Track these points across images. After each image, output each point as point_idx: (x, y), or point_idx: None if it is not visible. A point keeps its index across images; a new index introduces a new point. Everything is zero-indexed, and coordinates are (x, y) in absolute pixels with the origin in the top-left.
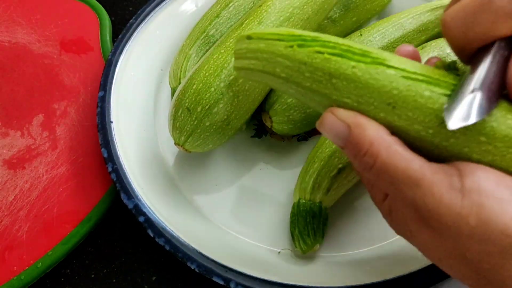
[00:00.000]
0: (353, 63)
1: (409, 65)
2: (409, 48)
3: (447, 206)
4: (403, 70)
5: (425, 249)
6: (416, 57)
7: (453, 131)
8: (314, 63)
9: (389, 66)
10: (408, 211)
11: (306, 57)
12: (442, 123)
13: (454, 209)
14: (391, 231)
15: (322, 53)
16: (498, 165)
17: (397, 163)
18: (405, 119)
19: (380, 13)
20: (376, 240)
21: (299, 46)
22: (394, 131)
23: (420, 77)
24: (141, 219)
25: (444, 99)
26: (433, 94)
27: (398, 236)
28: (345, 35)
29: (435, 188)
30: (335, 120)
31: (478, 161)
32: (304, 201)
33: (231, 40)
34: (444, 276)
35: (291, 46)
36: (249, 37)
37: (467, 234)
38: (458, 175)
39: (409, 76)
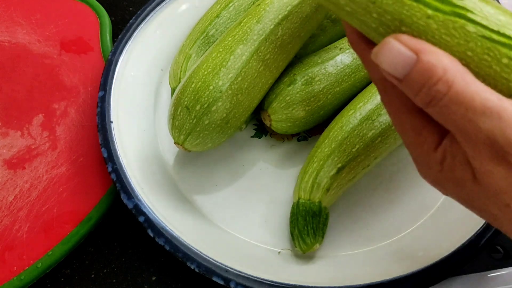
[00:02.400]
0: (430, 12)
1: (496, 19)
2: None
3: None
4: (486, 27)
5: (491, 195)
6: None
7: None
8: (385, 4)
9: (470, 20)
10: (479, 147)
11: None
12: None
13: None
14: (391, 231)
15: None
16: None
17: (474, 93)
18: None
19: None
20: (376, 240)
21: None
22: None
23: (503, 39)
24: (141, 219)
25: None
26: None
27: (398, 236)
28: (345, 35)
29: None
30: (398, 45)
31: None
32: (303, 200)
33: (229, 39)
34: (444, 276)
35: None
36: None
37: None
38: None
39: (491, 36)
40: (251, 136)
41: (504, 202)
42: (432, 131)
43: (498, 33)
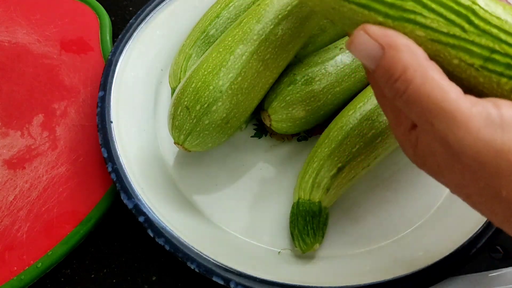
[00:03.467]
0: (380, 19)
1: (444, 22)
2: None
3: (485, 142)
4: (435, 30)
5: (454, 185)
6: None
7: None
8: (341, 11)
9: (419, 24)
10: (438, 145)
11: (333, 2)
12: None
13: (493, 146)
14: (391, 231)
15: (349, 2)
16: None
17: (431, 92)
18: None
19: None
20: (376, 240)
21: None
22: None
23: (452, 41)
24: (141, 219)
25: None
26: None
27: (398, 236)
28: (344, 35)
29: (471, 122)
30: (367, 39)
31: None
32: (303, 200)
33: (229, 39)
34: (444, 276)
35: None
36: None
37: (507, 172)
38: (496, 109)
39: (440, 39)
40: (251, 136)
41: (464, 193)
42: (406, 117)
43: (447, 34)
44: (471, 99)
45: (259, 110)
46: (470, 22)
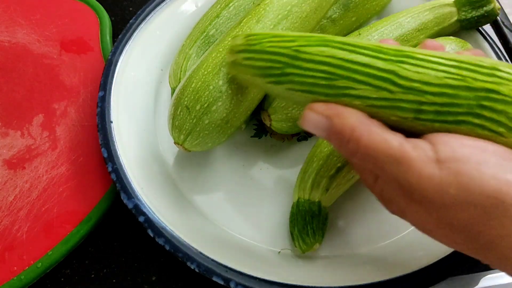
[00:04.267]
0: (322, 98)
1: (373, 89)
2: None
3: (427, 179)
4: (367, 98)
5: (417, 223)
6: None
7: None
8: (292, 97)
9: (353, 96)
10: (394, 188)
11: (285, 92)
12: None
13: (434, 181)
14: (391, 231)
15: (296, 90)
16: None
17: (377, 144)
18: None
19: (380, 13)
20: (376, 240)
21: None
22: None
23: (383, 103)
24: (141, 219)
25: None
26: None
27: (398, 236)
28: (344, 34)
29: (413, 163)
30: (315, 115)
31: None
32: (303, 200)
33: (229, 39)
34: (444, 276)
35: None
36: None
37: (451, 203)
38: (431, 147)
39: (372, 103)
40: (251, 136)
41: (427, 229)
42: (369, 171)
43: (378, 99)
44: (412, 142)
45: (259, 110)
46: (395, 84)
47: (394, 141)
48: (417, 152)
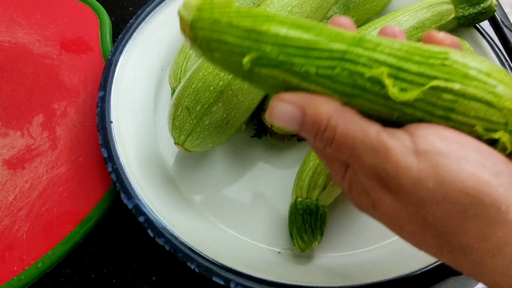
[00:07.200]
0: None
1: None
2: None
3: (404, 170)
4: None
5: (388, 219)
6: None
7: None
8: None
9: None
10: (369, 179)
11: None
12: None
13: (412, 173)
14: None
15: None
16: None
17: (355, 132)
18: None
19: (380, 13)
20: (376, 240)
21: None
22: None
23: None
24: (141, 219)
25: None
26: None
27: (398, 236)
28: None
29: (391, 152)
30: (285, 106)
31: (430, 121)
32: (301, 199)
33: None
34: (444, 276)
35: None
36: None
37: (427, 197)
38: (410, 138)
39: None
40: (251, 136)
41: (397, 224)
42: (339, 163)
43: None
44: (389, 131)
45: (259, 110)
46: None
47: (371, 129)
48: (394, 142)
